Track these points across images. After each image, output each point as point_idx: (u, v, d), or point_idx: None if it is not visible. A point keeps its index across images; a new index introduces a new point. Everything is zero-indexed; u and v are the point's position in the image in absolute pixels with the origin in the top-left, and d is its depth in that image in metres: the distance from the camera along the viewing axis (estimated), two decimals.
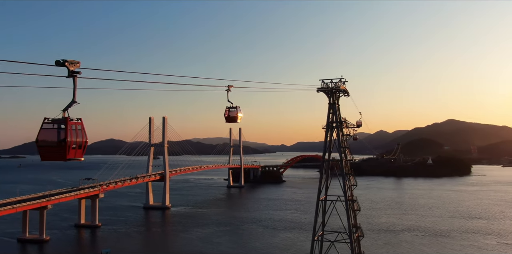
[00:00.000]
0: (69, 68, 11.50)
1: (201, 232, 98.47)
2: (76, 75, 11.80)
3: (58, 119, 12.17)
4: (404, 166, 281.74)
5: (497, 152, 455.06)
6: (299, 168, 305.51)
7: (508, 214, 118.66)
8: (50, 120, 12.26)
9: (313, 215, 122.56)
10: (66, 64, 11.38)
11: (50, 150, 12.23)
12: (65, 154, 12.03)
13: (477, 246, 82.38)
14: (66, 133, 11.94)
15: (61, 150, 12.04)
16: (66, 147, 11.93)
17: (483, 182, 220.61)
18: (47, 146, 12.22)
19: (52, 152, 12.22)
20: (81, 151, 12.60)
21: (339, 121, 47.99)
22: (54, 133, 12.12)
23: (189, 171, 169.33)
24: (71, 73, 11.66)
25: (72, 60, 11.44)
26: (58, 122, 12.11)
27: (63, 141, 11.89)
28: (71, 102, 12.10)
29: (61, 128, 12.08)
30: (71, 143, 12.02)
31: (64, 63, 11.38)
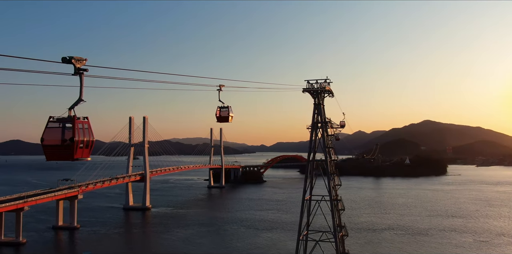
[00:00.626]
0: (76, 65, 11.20)
1: (182, 233, 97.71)
2: (83, 73, 11.50)
3: (65, 118, 11.83)
4: (382, 165, 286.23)
5: (471, 152, 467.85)
6: (279, 168, 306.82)
7: (483, 213, 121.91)
8: (56, 119, 11.89)
9: (294, 215, 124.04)
10: (73, 61, 11.06)
11: (56, 149, 11.86)
12: (72, 154, 11.69)
13: (454, 244, 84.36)
14: (73, 131, 11.60)
15: (69, 149, 11.69)
16: (74, 146, 11.59)
17: (459, 182, 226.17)
18: (53, 145, 11.85)
19: (58, 151, 11.86)
20: (88, 150, 12.28)
21: (324, 121, 48.39)
22: (61, 132, 11.77)
23: (170, 171, 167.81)
24: (77, 70, 11.36)
25: (78, 57, 11.11)
26: (65, 121, 11.77)
27: (71, 140, 11.56)
28: (77, 101, 11.77)
29: (68, 127, 11.75)
30: (78, 142, 11.69)
31: (70, 60, 11.06)
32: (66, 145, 11.58)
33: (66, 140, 11.58)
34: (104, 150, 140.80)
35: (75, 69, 11.27)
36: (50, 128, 11.86)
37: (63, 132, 11.71)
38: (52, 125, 11.88)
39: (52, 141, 11.80)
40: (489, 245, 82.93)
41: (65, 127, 11.75)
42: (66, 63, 11.06)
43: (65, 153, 11.75)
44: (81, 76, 11.56)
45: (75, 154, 11.72)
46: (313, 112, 47.93)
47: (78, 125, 11.73)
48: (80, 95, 11.73)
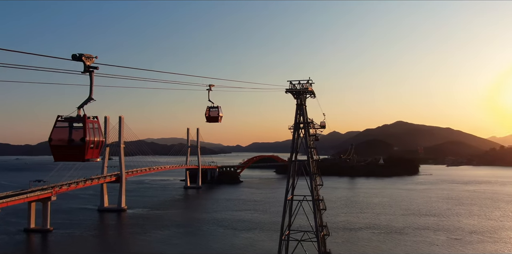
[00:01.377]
0: (86, 62, 10.80)
1: (160, 234, 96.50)
2: (93, 71, 11.10)
3: (75, 117, 11.39)
4: (357, 165, 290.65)
5: (442, 152, 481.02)
6: (255, 168, 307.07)
7: (455, 211, 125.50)
8: (64, 118, 11.43)
9: (272, 215, 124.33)
10: (83, 59, 10.67)
11: (66, 150, 11.41)
12: (83, 154, 11.26)
13: (428, 242, 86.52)
14: (84, 131, 11.18)
15: (79, 149, 11.26)
16: (85, 146, 11.18)
17: (430, 181, 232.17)
18: (63, 145, 11.39)
19: (68, 152, 11.40)
20: (98, 150, 11.87)
21: (306, 122, 48.73)
22: (72, 132, 11.33)
23: (146, 172, 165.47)
24: (87, 68, 10.96)
25: (88, 54, 10.72)
26: (75, 121, 11.34)
27: (82, 140, 11.13)
28: (87, 99, 11.34)
29: (79, 127, 11.32)
30: (89, 143, 11.28)
31: (80, 57, 10.65)
32: (77, 145, 11.18)
33: (77, 140, 11.16)
34: None
35: (85, 67, 10.89)
36: (59, 127, 11.41)
37: (76, 132, 11.29)
38: (61, 125, 11.43)
39: (61, 141, 11.36)
40: (461, 243, 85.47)
41: (76, 127, 11.33)
42: (76, 61, 10.67)
43: (75, 154, 11.33)
44: (91, 74, 11.18)
45: (86, 155, 11.33)
46: (295, 113, 48.19)
47: (89, 125, 11.34)
48: (90, 94, 11.33)
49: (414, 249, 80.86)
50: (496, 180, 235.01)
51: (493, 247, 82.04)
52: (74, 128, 11.34)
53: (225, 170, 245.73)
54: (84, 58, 10.64)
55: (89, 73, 11.09)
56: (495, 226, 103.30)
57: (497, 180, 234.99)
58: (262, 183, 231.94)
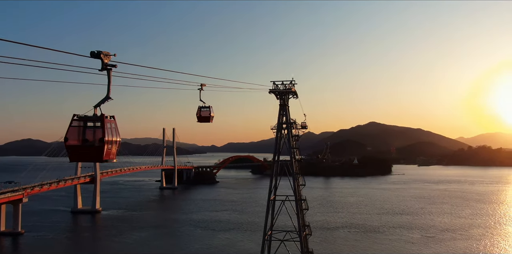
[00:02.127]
0: (104, 60, 10.51)
1: (137, 236, 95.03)
2: (111, 69, 10.80)
3: (93, 117, 11.05)
4: (332, 165, 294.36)
5: (413, 152, 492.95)
6: (231, 168, 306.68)
7: (427, 210, 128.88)
8: (80, 118, 11.07)
9: (250, 215, 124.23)
10: (101, 56, 10.37)
11: (83, 150, 11.05)
12: (101, 155, 10.93)
13: (404, 240, 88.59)
14: (103, 131, 10.85)
15: (98, 150, 10.92)
16: (103, 147, 10.86)
17: (403, 181, 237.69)
18: (80, 145, 11.03)
19: (85, 152, 11.04)
20: (115, 151, 11.56)
21: (289, 122, 49.00)
22: (89, 132, 10.98)
23: (121, 172, 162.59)
24: (105, 66, 10.66)
25: (106, 52, 10.45)
26: (93, 120, 11.00)
27: (101, 140, 10.81)
28: (104, 98, 11.03)
29: (97, 126, 10.98)
30: (108, 143, 10.96)
31: (99, 54, 10.34)
32: (96, 145, 10.85)
33: (95, 140, 10.84)
34: (51, 150, 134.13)
35: (102, 64, 10.60)
36: (76, 127, 11.06)
37: (93, 132, 10.95)
38: (78, 125, 11.07)
39: (78, 141, 11.01)
40: (435, 240, 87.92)
41: (94, 126, 10.99)
42: (94, 58, 10.37)
43: (93, 154, 11.01)
44: (109, 72, 10.90)
45: (104, 155, 11.02)
46: (278, 113, 48.39)
47: (107, 125, 11.03)
48: (108, 93, 11.04)
49: (390, 247, 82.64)
50: (465, 179, 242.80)
51: (464, 244, 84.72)
52: (91, 127, 11.03)
53: (201, 170, 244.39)
54: (103, 55, 10.39)
55: (106, 71, 10.85)
56: (466, 223, 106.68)
57: (466, 179, 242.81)
58: (238, 183, 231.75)
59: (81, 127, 11.09)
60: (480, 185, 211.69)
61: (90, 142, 10.99)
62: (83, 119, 11.07)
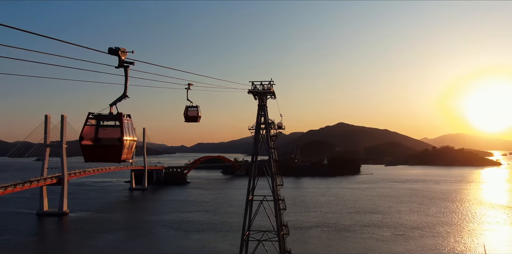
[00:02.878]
0: (121, 57, 10.08)
1: (107, 238, 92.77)
2: (128, 66, 10.38)
3: (110, 115, 10.56)
4: (302, 166, 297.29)
5: (380, 152, 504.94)
6: (202, 169, 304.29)
7: (396, 209, 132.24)
8: (96, 116, 10.56)
9: (223, 216, 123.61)
10: (119, 53, 9.94)
11: (100, 149, 10.54)
12: (119, 155, 10.45)
13: (375, 238, 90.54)
14: (122, 130, 10.39)
15: (115, 150, 10.44)
16: (121, 146, 10.39)
17: (372, 180, 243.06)
18: (96, 145, 10.51)
19: (102, 152, 10.54)
20: (131, 151, 11.11)
21: (267, 122, 49.11)
22: (106, 131, 10.48)
23: (90, 173, 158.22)
24: (122, 63, 10.24)
25: (123, 48, 10.03)
26: (110, 119, 10.52)
27: (119, 140, 10.34)
28: (121, 97, 10.58)
29: (114, 125, 10.51)
30: (125, 142, 10.50)
31: (117, 51, 9.91)
32: (114, 145, 10.39)
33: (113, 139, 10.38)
34: (15, 151, 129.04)
35: (119, 61, 10.18)
36: (91, 125, 10.57)
37: (111, 131, 10.47)
38: (93, 123, 10.58)
39: (95, 140, 10.50)
40: (405, 238, 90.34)
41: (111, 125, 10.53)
42: (112, 55, 9.94)
43: (110, 154, 10.53)
44: (126, 70, 10.49)
45: (122, 155, 10.58)
46: (257, 114, 48.42)
47: (125, 124, 10.59)
48: (125, 91, 10.62)
49: (362, 245, 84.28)
50: (430, 179, 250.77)
51: (432, 241, 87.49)
52: (108, 126, 10.58)
53: (171, 170, 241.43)
54: (120, 52, 10.00)
55: (124, 68, 10.45)
56: (433, 221, 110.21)
57: (431, 179, 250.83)
58: (209, 184, 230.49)
59: (97, 126, 10.65)
60: (444, 184, 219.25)
61: (107, 142, 10.57)
62: (99, 118, 10.64)
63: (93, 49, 9.78)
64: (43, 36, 9.47)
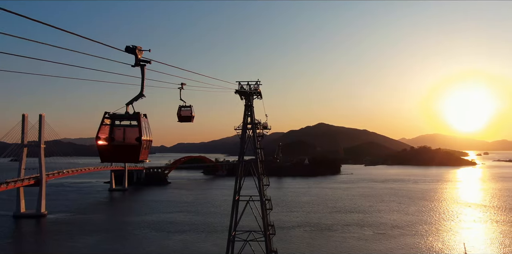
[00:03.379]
0: (138, 56, 9.83)
1: (88, 240, 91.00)
2: (145, 65, 10.14)
3: (126, 115, 10.27)
4: (284, 166, 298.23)
5: (360, 152, 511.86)
6: (182, 169, 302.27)
7: (376, 208, 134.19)
8: (113, 116, 10.26)
9: (205, 216, 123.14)
10: (137, 51, 9.68)
11: (117, 150, 10.25)
12: (137, 155, 10.19)
13: (357, 237, 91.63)
14: (140, 130, 10.12)
15: (133, 150, 10.17)
16: (140, 147, 10.13)
17: (352, 180, 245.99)
18: (114, 145, 10.21)
19: (119, 152, 10.25)
20: (148, 151, 10.84)
21: (253, 123, 49.09)
22: (125, 131, 10.18)
23: (69, 174, 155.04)
24: (139, 61, 9.99)
25: (140, 47, 9.79)
26: (127, 118, 10.24)
27: (138, 140, 10.08)
28: (138, 96, 10.32)
29: (129, 125, 10.24)
30: (144, 142, 10.24)
31: (134, 50, 9.66)
32: (132, 145, 10.13)
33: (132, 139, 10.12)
34: None
35: (136, 60, 9.94)
36: (108, 125, 10.28)
37: (130, 131, 10.19)
38: (109, 123, 10.29)
39: (112, 140, 10.22)
40: (386, 237, 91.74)
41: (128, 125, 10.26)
42: (129, 53, 9.69)
43: (128, 154, 10.26)
44: (142, 69, 10.24)
45: (140, 155, 10.33)
46: (244, 114, 48.35)
47: (143, 123, 10.33)
48: (142, 90, 10.37)
49: (344, 245, 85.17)
50: (409, 178, 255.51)
51: (413, 240, 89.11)
52: (124, 126, 10.32)
53: (152, 171, 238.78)
54: (138, 51, 9.77)
55: (140, 67, 10.21)
56: (413, 220, 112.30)
57: (410, 178, 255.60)
58: (190, 184, 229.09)
59: (113, 126, 10.39)
60: (422, 184, 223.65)
61: (125, 142, 10.33)
62: (116, 118, 10.38)
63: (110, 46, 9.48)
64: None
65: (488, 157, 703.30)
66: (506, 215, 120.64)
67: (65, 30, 8.47)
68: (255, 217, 49.03)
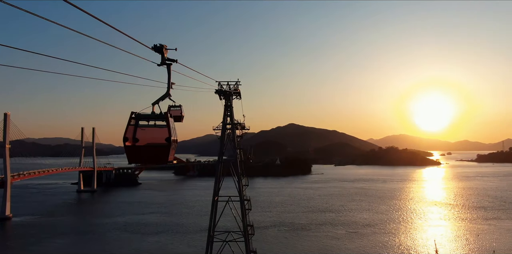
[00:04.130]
0: (165, 54, 9.56)
1: (58, 243, 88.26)
2: (171, 64, 9.86)
3: (153, 114, 9.97)
4: (255, 166, 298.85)
5: (330, 152, 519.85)
6: (153, 169, 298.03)
7: (348, 207, 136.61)
8: (141, 116, 9.93)
9: (178, 217, 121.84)
10: (164, 50, 9.41)
11: (146, 150, 9.92)
12: (167, 156, 9.91)
13: (330, 236, 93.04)
14: (169, 130, 9.85)
15: (163, 150, 9.87)
16: (169, 147, 9.85)
17: (323, 180, 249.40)
18: (142, 146, 9.88)
19: (148, 153, 9.93)
20: (174, 152, 10.58)
21: (233, 123, 49.06)
22: (152, 131, 9.88)
23: (35, 175, 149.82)
24: (165, 60, 9.71)
25: (165, 45, 9.54)
26: (155, 118, 9.93)
27: (167, 140, 9.79)
28: (164, 95, 10.05)
29: (156, 125, 9.94)
30: (173, 143, 9.96)
31: (161, 48, 9.39)
32: (161, 145, 9.85)
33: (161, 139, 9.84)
34: None
35: (163, 59, 9.68)
36: (135, 125, 9.95)
37: (158, 131, 9.91)
38: (137, 123, 9.96)
39: (141, 141, 9.91)
40: (358, 235, 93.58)
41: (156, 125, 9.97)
42: (156, 52, 9.42)
43: (157, 155, 9.97)
44: (169, 67, 9.98)
45: (170, 156, 10.06)
46: (224, 114, 48.24)
47: (171, 124, 10.07)
48: (168, 90, 10.12)
49: (318, 244, 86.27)
50: (378, 178, 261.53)
51: (385, 238, 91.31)
52: (151, 126, 10.05)
53: (122, 171, 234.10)
54: (164, 49, 9.53)
55: (166, 66, 9.96)
56: (383, 218, 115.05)
57: (379, 178, 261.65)
58: (162, 185, 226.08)
59: (140, 126, 10.12)
60: (391, 183, 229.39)
61: (154, 142, 10.08)
62: (143, 118, 10.11)
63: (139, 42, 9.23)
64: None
65: (451, 156, 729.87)
66: (469, 213, 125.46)
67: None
68: (235, 218, 49.00)
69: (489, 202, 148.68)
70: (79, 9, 7.81)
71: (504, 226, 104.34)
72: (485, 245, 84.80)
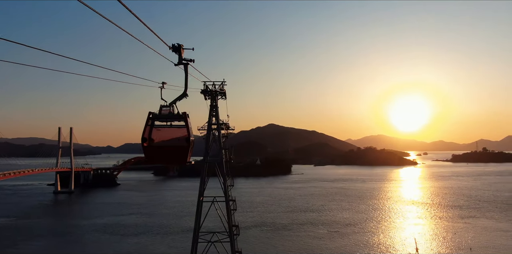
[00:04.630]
0: (182, 54, 9.36)
1: (35, 245, 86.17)
2: (188, 63, 9.65)
3: (169, 114, 9.72)
4: (236, 166, 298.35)
5: (309, 153, 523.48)
6: (132, 170, 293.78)
7: (328, 207, 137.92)
8: (159, 116, 9.67)
9: (159, 218, 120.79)
10: (182, 50, 9.20)
11: (165, 151, 9.66)
12: (186, 156, 9.67)
13: (312, 236, 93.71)
14: (188, 130, 9.63)
15: (182, 151, 9.62)
16: (189, 147, 9.63)
17: (303, 180, 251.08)
18: (162, 146, 9.62)
19: (167, 153, 9.66)
20: (191, 152, 10.36)
21: (218, 123, 48.93)
22: (170, 131, 9.63)
23: (10, 176, 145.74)
24: (182, 60, 9.49)
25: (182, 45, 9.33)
26: (173, 118, 9.68)
27: (187, 140, 9.56)
28: (181, 95, 9.81)
29: (172, 125, 9.70)
30: (192, 143, 9.74)
31: (179, 48, 9.17)
32: (180, 146, 9.62)
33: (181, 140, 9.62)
34: None
35: (180, 59, 9.47)
36: (152, 126, 9.71)
37: (177, 131, 9.69)
38: (155, 123, 9.71)
39: (160, 141, 9.66)
40: (340, 234, 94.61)
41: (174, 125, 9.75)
42: (174, 52, 9.21)
43: (176, 155, 9.72)
44: (186, 67, 9.77)
45: (189, 157, 9.85)
46: (209, 114, 48.06)
47: (190, 124, 9.86)
48: (185, 90, 9.91)
49: (300, 244, 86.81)
50: (357, 178, 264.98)
51: (365, 237, 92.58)
52: (168, 126, 9.83)
53: (100, 172, 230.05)
54: (182, 49, 9.35)
55: (184, 66, 9.77)
56: (363, 218, 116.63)
57: (358, 178, 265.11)
58: (141, 186, 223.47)
59: (158, 126, 9.90)
60: (370, 183, 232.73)
61: (173, 143, 9.88)
62: (161, 118, 9.90)
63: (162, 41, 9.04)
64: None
65: (427, 156, 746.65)
66: (446, 212, 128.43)
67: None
68: (220, 218, 48.87)
69: (464, 201, 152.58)
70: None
71: (479, 224, 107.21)
72: (462, 243, 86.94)
